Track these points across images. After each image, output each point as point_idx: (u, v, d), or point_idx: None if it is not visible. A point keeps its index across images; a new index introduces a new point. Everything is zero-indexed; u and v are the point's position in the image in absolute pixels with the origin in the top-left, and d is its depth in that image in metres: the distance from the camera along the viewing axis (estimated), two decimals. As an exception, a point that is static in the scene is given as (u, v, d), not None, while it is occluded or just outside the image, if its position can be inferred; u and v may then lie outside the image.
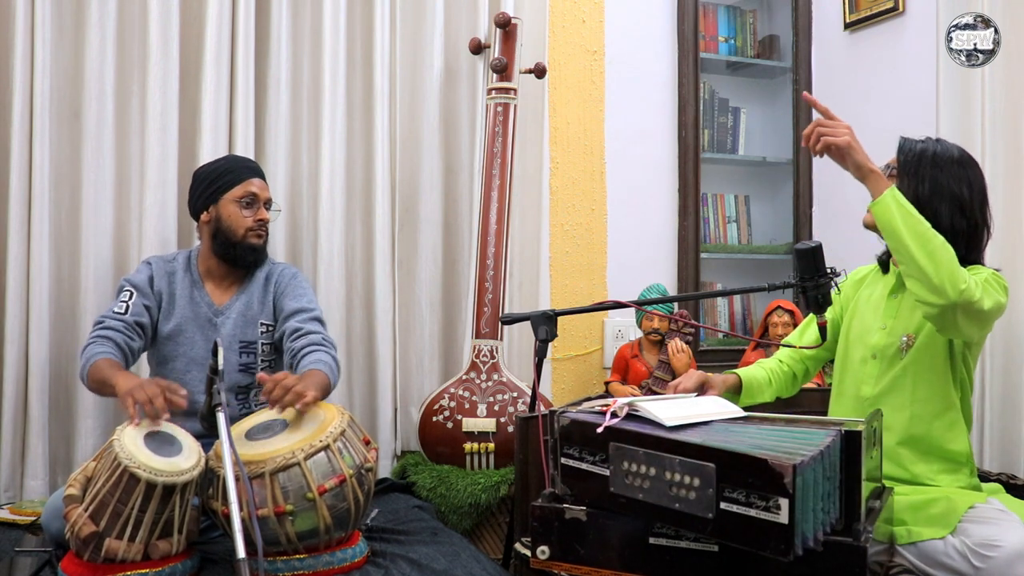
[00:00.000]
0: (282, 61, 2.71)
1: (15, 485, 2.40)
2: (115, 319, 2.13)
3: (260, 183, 2.25)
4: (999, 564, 1.57)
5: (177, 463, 1.74)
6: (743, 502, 1.37)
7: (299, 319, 2.18)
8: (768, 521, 1.35)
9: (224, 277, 2.25)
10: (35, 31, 2.38)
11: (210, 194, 2.21)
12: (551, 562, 1.60)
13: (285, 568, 1.77)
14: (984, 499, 1.77)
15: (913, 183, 1.83)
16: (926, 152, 1.86)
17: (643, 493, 1.50)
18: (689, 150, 3.23)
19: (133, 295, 2.16)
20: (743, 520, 1.38)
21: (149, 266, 2.24)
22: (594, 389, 3.11)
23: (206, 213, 2.21)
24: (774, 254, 3.44)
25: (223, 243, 2.20)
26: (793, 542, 1.33)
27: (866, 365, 1.92)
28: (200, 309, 2.22)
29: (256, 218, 2.21)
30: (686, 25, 3.22)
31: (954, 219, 1.81)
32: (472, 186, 2.87)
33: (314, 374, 1.99)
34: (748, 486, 1.37)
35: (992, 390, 2.42)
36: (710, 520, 1.41)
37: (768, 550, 1.36)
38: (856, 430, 1.48)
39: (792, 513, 1.32)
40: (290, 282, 2.26)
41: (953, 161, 1.85)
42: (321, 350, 2.11)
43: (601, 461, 1.56)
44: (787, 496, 1.33)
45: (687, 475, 1.44)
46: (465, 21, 2.89)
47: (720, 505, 1.40)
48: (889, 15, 2.99)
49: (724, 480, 1.40)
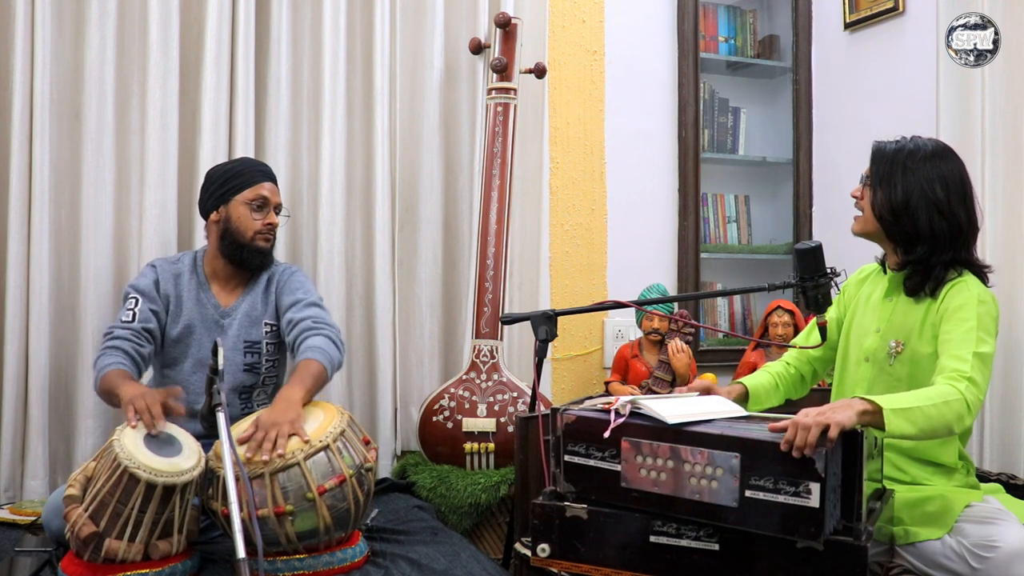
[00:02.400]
0: (282, 61, 2.71)
1: (15, 485, 2.40)
2: (123, 327, 2.12)
3: (272, 187, 2.25)
4: (997, 564, 1.57)
5: (177, 463, 1.74)
6: (771, 489, 1.40)
7: (294, 310, 2.18)
8: (798, 506, 1.38)
9: (230, 278, 2.25)
10: (35, 31, 2.38)
11: (221, 194, 2.20)
12: (551, 560, 1.61)
13: (285, 568, 1.77)
14: (981, 497, 1.76)
15: (886, 192, 1.81)
16: (897, 157, 1.82)
17: (659, 486, 1.51)
18: (689, 150, 3.23)
19: (139, 301, 2.16)
20: (770, 507, 1.40)
21: (154, 269, 2.23)
22: (594, 389, 3.11)
23: (216, 213, 2.21)
24: (774, 254, 3.44)
25: (231, 244, 2.19)
26: (824, 525, 1.35)
27: (860, 367, 1.91)
28: (207, 311, 2.21)
29: (265, 222, 2.21)
30: (686, 25, 3.22)
31: (933, 223, 1.78)
32: (472, 186, 2.87)
33: (301, 371, 1.99)
34: (776, 473, 1.40)
35: (992, 390, 2.42)
36: (734, 509, 1.43)
37: (798, 535, 1.39)
38: (856, 430, 1.48)
39: (823, 497, 1.36)
40: (288, 279, 2.26)
41: (925, 160, 1.81)
42: (312, 334, 2.10)
43: (611, 457, 1.56)
44: (819, 480, 1.36)
45: (709, 466, 1.46)
46: (465, 21, 2.89)
47: (745, 493, 1.42)
48: (889, 15, 2.99)
49: (749, 469, 1.42)
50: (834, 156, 3.28)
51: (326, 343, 2.08)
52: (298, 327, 2.13)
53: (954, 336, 1.71)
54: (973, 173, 2.44)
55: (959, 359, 1.68)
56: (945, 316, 1.76)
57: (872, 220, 1.85)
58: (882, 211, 1.82)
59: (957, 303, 1.75)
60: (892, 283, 1.89)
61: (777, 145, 3.47)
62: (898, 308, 1.87)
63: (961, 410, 1.62)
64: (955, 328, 1.72)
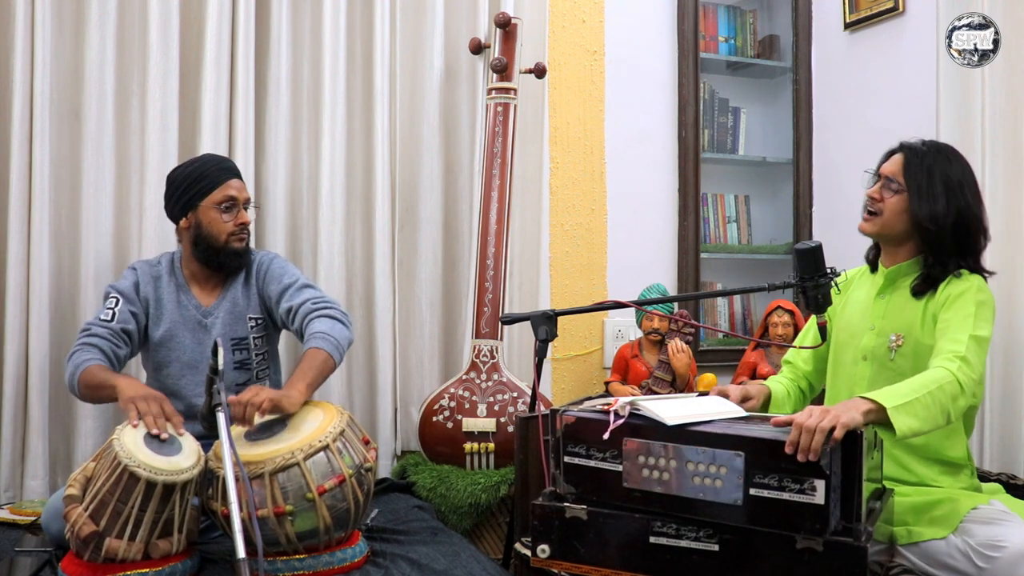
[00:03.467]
0: (282, 61, 2.71)
1: (15, 485, 2.40)
2: (101, 326, 2.09)
3: (238, 184, 2.18)
4: (1003, 564, 1.56)
5: (177, 462, 1.74)
6: (775, 487, 1.41)
7: (288, 297, 2.15)
8: (802, 503, 1.40)
9: (208, 279, 2.22)
10: (35, 31, 2.38)
11: (187, 200, 2.14)
12: (551, 561, 1.61)
13: (285, 568, 1.77)
14: (987, 500, 1.76)
15: (929, 203, 1.81)
16: (935, 165, 1.83)
17: (661, 486, 1.52)
18: (689, 150, 3.23)
19: (119, 302, 2.13)
20: (775, 504, 1.41)
21: (134, 271, 2.20)
22: (594, 389, 3.11)
23: (185, 219, 2.15)
24: (774, 254, 3.44)
25: (205, 250, 2.15)
26: (829, 521, 1.35)
27: (858, 367, 1.90)
28: (188, 312, 2.19)
29: (237, 222, 2.15)
30: (686, 25, 3.22)
31: (968, 232, 1.82)
32: (472, 186, 2.87)
33: (304, 364, 1.98)
34: (781, 471, 1.41)
35: (992, 390, 2.42)
36: (739, 507, 1.44)
37: (803, 531, 1.40)
38: (856, 430, 1.48)
39: (828, 494, 1.37)
40: (268, 268, 2.22)
41: (954, 165, 1.84)
42: (315, 316, 2.06)
43: (612, 457, 1.57)
44: (823, 477, 1.38)
45: (713, 465, 1.47)
46: (465, 21, 2.89)
47: (750, 492, 1.43)
48: (889, 15, 2.99)
49: (754, 467, 1.42)
50: (834, 156, 3.28)
51: (330, 325, 2.04)
52: (299, 312, 2.10)
53: (953, 321, 1.74)
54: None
55: (955, 341, 1.70)
56: (946, 304, 1.78)
57: (895, 224, 1.86)
58: (923, 221, 1.82)
59: (958, 291, 1.77)
60: (887, 280, 1.90)
61: (777, 145, 3.47)
62: (893, 304, 1.88)
63: (954, 391, 1.63)
64: (954, 315, 1.75)
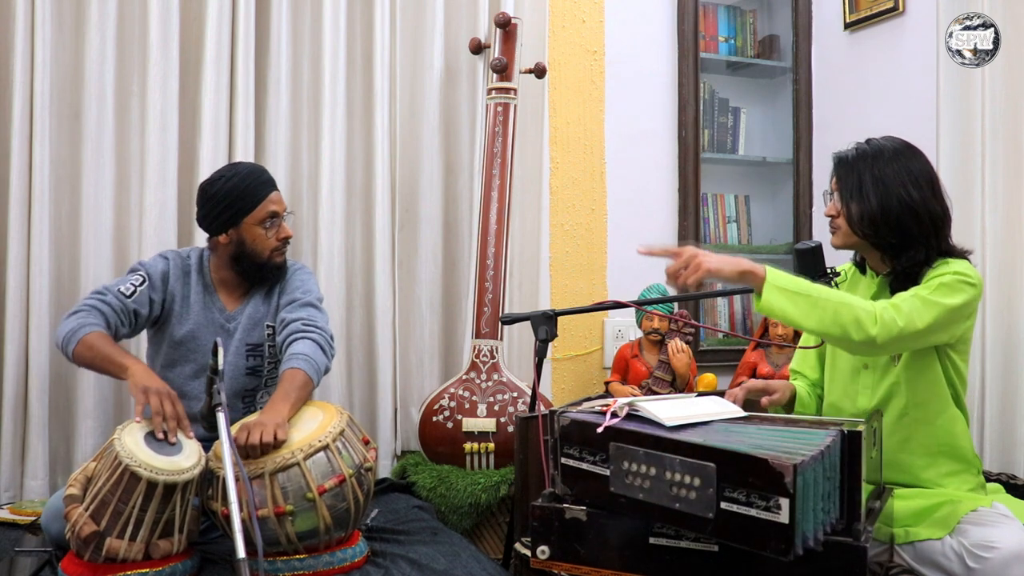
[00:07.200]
0: (282, 61, 2.71)
1: (15, 485, 2.40)
2: (117, 297, 2.04)
3: (277, 196, 2.14)
4: (994, 566, 1.55)
5: (178, 462, 1.74)
6: (743, 502, 1.38)
7: (288, 309, 2.12)
8: (769, 521, 1.35)
9: (238, 285, 2.19)
10: (35, 31, 2.38)
11: (229, 217, 2.08)
12: (551, 562, 1.60)
13: (285, 568, 1.77)
14: (989, 503, 1.74)
15: (861, 205, 1.77)
16: (861, 165, 1.79)
17: (643, 493, 1.50)
18: (689, 150, 3.23)
19: (144, 282, 2.08)
20: (744, 520, 1.38)
21: (166, 260, 2.15)
22: (594, 389, 3.11)
23: (225, 236, 2.10)
24: (774, 254, 3.43)
25: (248, 265, 2.12)
26: (793, 542, 1.33)
27: (859, 376, 1.87)
28: (213, 315, 2.16)
29: (280, 236, 2.13)
30: (686, 25, 3.22)
31: (913, 226, 1.75)
32: (472, 186, 2.87)
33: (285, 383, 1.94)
34: (749, 486, 1.37)
35: (992, 390, 2.42)
36: (710, 520, 1.41)
37: (768, 550, 1.36)
38: (857, 430, 1.48)
39: (792, 513, 1.32)
40: (290, 278, 2.20)
41: (890, 163, 1.78)
42: (299, 337, 2.03)
43: (601, 461, 1.56)
44: (788, 496, 1.33)
45: (687, 475, 1.44)
46: (465, 21, 2.89)
47: (720, 505, 1.40)
48: (889, 15, 2.99)
49: (725, 480, 1.39)
50: (834, 156, 3.28)
51: (312, 349, 2.01)
52: (288, 328, 2.07)
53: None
54: (973, 173, 2.47)
55: (900, 296, 1.68)
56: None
57: (851, 234, 1.81)
58: (861, 225, 1.78)
59: (935, 274, 1.73)
60: (880, 286, 1.86)
61: (777, 145, 3.47)
62: None
63: (864, 318, 1.60)
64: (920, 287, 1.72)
